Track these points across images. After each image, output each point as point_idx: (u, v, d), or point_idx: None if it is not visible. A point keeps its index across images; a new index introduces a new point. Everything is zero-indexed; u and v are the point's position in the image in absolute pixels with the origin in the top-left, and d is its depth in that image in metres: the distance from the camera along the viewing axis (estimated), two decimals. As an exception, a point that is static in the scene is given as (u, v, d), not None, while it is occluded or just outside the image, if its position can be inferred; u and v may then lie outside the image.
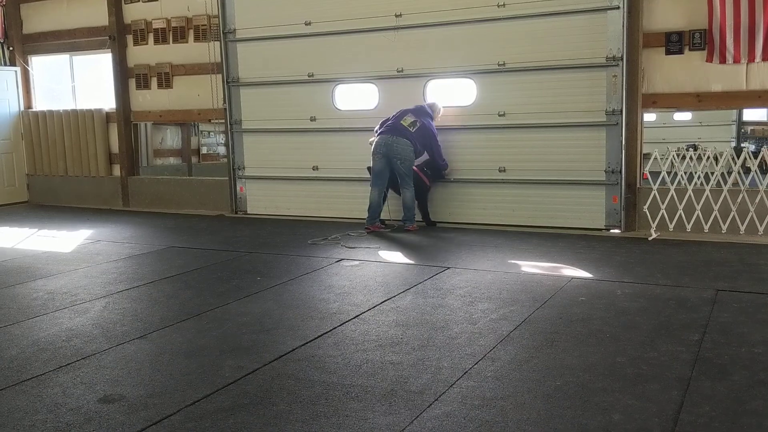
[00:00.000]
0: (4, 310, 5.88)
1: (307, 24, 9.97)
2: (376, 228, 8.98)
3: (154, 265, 7.53)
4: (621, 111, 8.34)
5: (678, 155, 8.54)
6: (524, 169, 8.97)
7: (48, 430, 3.65)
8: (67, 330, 5.30)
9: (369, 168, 9.12)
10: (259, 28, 10.28)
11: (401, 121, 8.86)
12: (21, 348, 4.92)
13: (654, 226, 8.23)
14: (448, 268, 6.96)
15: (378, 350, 4.70)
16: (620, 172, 8.45)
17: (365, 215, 9.06)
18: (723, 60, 8.00)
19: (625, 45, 8.23)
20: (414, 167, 9.07)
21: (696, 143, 10.96)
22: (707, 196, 8.06)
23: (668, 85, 8.34)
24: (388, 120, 9.02)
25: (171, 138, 12.84)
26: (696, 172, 8.34)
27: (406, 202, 8.94)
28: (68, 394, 4.09)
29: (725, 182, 8.12)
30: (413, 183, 8.99)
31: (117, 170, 12.10)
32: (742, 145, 11.99)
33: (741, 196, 7.95)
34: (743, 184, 8.04)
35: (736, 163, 8.02)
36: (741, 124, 12.66)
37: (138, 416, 3.77)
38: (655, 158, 8.28)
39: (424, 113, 8.96)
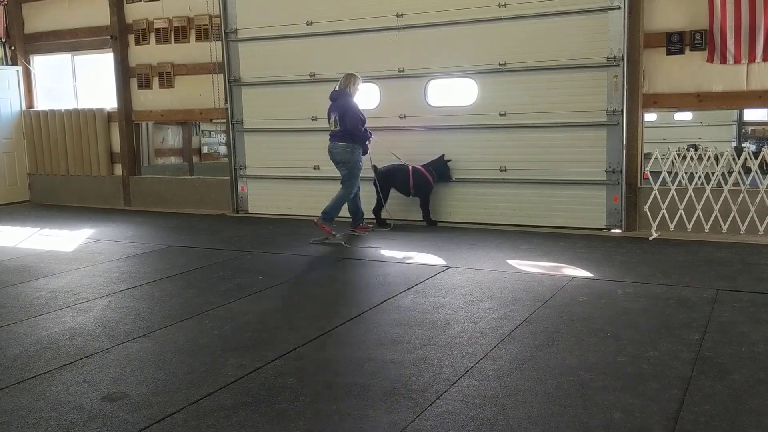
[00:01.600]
0: (7, 309, 5.90)
1: (309, 24, 9.98)
2: (364, 229, 8.94)
3: (156, 264, 7.55)
4: (622, 111, 8.36)
5: (679, 155, 8.56)
6: (525, 168, 8.99)
7: (52, 428, 3.67)
8: (69, 329, 5.32)
9: (374, 167, 9.10)
10: (261, 28, 10.30)
11: (330, 127, 8.67)
12: (24, 346, 4.94)
13: (655, 225, 8.24)
14: (449, 267, 6.97)
15: (379, 349, 4.71)
16: (621, 171, 8.47)
17: (366, 214, 9.07)
18: (724, 60, 8.01)
19: (625, 45, 8.24)
20: (420, 166, 9.09)
21: (697, 143, 10.98)
22: (708, 196, 8.07)
23: (669, 85, 8.35)
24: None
25: (172, 137, 12.86)
26: (697, 172, 8.36)
27: (337, 199, 8.66)
28: (72, 393, 4.11)
29: (726, 182, 8.13)
30: (424, 183, 9.05)
31: (118, 170, 12.12)
32: (743, 145, 12.00)
33: (741, 196, 7.96)
34: (744, 184, 8.06)
35: (736, 163, 8.03)
36: (741, 124, 12.67)
37: (141, 414, 3.79)
38: (656, 158, 8.30)
39: (343, 96, 8.64)
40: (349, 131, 8.50)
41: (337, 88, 8.73)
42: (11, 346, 4.97)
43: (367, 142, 8.74)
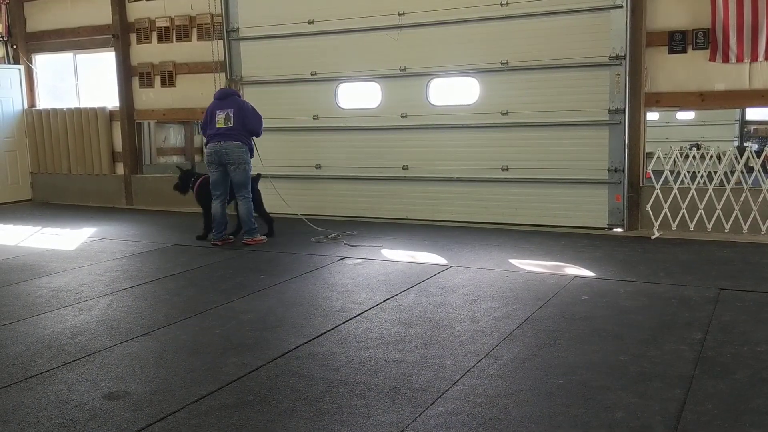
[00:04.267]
0: (8, 308, 5.91)
1: (311, 23, 9.98)
2: (225, 242, 8.35)
3: (158, 263, 7.55)
4: (624, 110, 8.35)
5: (681, 154, 8.55)
6: (527, 167, 8.98)
7: (53, 426, 3.67)
8: (71, 327, 5.32)
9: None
10: (263, 27, 10.29)
11: (217, 125, 8.15)
12: (26, 345, 4.95)
13: (657, 225, 8.23)
14: (451, 266, 6.97)
15: (381, 348, 4.71)
16: (623, 171, 8.46)
17: (368, 213, 9.03)
18: (726, 59, 8.00)
19: (628, 44, 8.23)
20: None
21: (699, 142, 10.96)
22: (710, 195, 8.06)
23: (671, 84, 8.34)
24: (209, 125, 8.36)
25: (174, 136, 12.85)
26: (699, 172, 8.34)
27: (242, 214, 8.30)
28: (73, 391, 4.11)
29: (728, 181, 8.12)
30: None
31: (120, 168, 12.12)
32: (745, 144, 11.98)
33: (744, 195, 7.95)
34: (746, 183, 8.04)
35: (739, 163, 8.02)
36: (744, 123, 12.65)
37: (142, 413, 3.79)
38: (658, 157, 8.29)
39: (229, 95, 8.34)
40: (248, 131, 8.23)
41: (223, 87, 8.61)
42: (13, 344, 4.97)
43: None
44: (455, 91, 9.48)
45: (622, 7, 8.22)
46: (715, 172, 8.28)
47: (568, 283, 6.23)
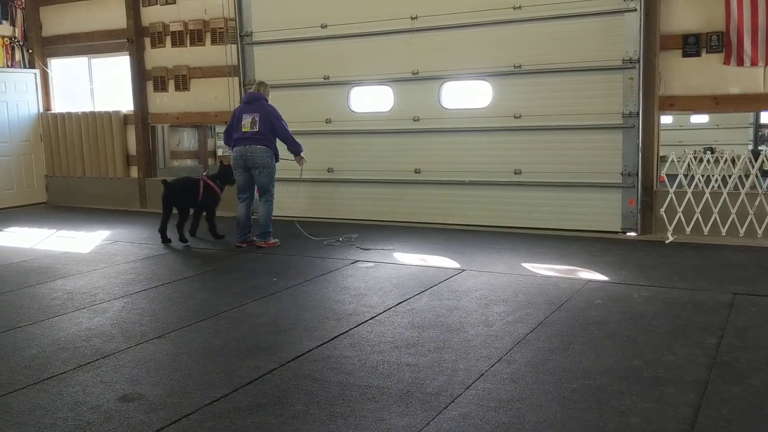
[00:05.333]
0: (24, 310, 5.96)
1: (323, 27, 10.01)
2: (249, 244, 8.43)
3: (172, 266, 7.59)
4: (638, 113, 8.31)
5: (695, 158, 8.51)
6: (540, 171, 8.96)
7: (68, 428, 3.70)
8: (86, 329, 5.36)
9: (164, 181, 8.82)
10: (276, 31, 10.34)
11: (243, 129, 8.20)
12: (41, 347, 4.98)
13: (671, 229, 8.19)
14: (464, 270, 6.96)
15: (394, 352, 4.71)
16: (637, 174, 8.42)
17: (380, 217, 9.04)
18: (740, 62, 7.95)
19: (641, 47, 8.20)
20: (208, 179, 8.76)
21: (713, 146, 10.91)
22: (724, 199, 8.01)
23: (685, 88, 8.30)
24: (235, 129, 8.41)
25: (188, 140, 12.94)
26: (713, 175, 8.30)
27: (261, 216, 8.35)
28: (88, 393, 4.14)
29: (742, 185, 8.07)
30: (212, 196, 8.73)
31: (134, 172, 12.20)
32: (760, 148, 11.92)
33: (759, 199, 7.90)
34: (761, 187, 7.99)
35: (753, 166, 7.97)
36: (758, 126, 12.59)
37: (157, 415, 3.81)
38: (672, 161, 8.25)
39: (257, 99, 8.37)
40: (273, 136, 8.26)
41: (252, 91, 8.63)
42: (28, 346, 5.01)
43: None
44: (468, 95, 9.48)
45: (635, 10, 8.19)
46: (730, 176, 8.24)
47: (581, 287, 6.21)
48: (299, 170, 8.84)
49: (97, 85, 12.70)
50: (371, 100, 10.07)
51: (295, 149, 8.54)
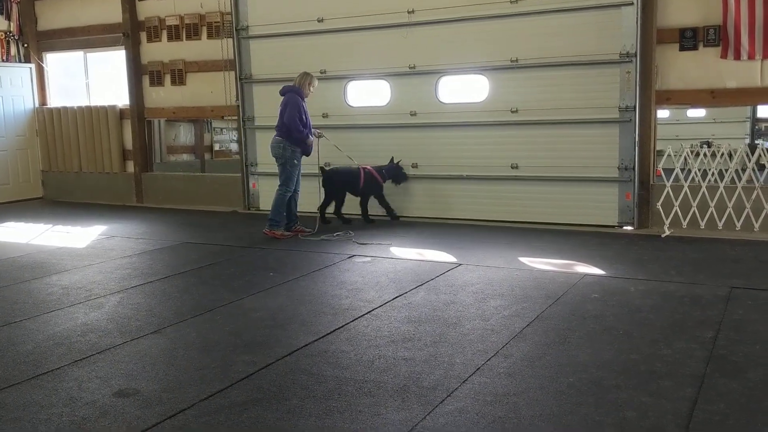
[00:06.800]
0: (19, 305, 5.94)
1: (320, 21, 9.98)
2: (296, 232, 8.74)
3: (168, 261, 7.58)
4: (634, 108, 8.31)
5: (692, 152, 8.50)
6: (537, 165, 8.95)
7: (64, 423, 3.68)
8: (82, 325, 5.34)
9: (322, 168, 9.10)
10: (272, 25, 10.30)
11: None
12: (37, 342, 4.97)
13: (667, 223, 8.19)
14: (460, 264, 6.96)
15: (390, 346, 4.71)
16: (633, 168, 8.42)
17: (377, 210, 9.08)
18: (737, 56, 7.94)
19: (638, 41, 8.18)
20: (371, 167, 9.15)
21: (710, 140, 10.91)
22: (721, 193, 8.01)
23: (682, 82, 8.29)
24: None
25: (184, 134, 12.91)
26: (710, 169, 8.30)
27: (273, 203, 8.63)
28: (84, 388, 4.13)
29: (739, 179, 8.07)
30: (374, 182, 9.16)
31: (131, 166, 12.17)
32: (756, 142, 11.92)
33: (755, 193, 7.90)
34: (757, 181, 7.99)
35: (750, 160, 7.97)
36: (755, 120, 12.59)
37: (153, 410, 3.80)
38: (669, 155, 8.24)
39: (285, 92, 8.56)
40: (285, 126, 8.38)
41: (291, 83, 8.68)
42: (24, 341, 5.00)
43: (309, 142, 8.59)
44: (465, 89, 9.46)
45: (632, 4, 8.17)
46: (726, 170, 8.23)
47: (578, 281, 6.21)
48: (303, 165, 8.78)
49: (92, 80, 12.65)
50: (368, 94, 10.04)
51: (297, 140, 8.47)
